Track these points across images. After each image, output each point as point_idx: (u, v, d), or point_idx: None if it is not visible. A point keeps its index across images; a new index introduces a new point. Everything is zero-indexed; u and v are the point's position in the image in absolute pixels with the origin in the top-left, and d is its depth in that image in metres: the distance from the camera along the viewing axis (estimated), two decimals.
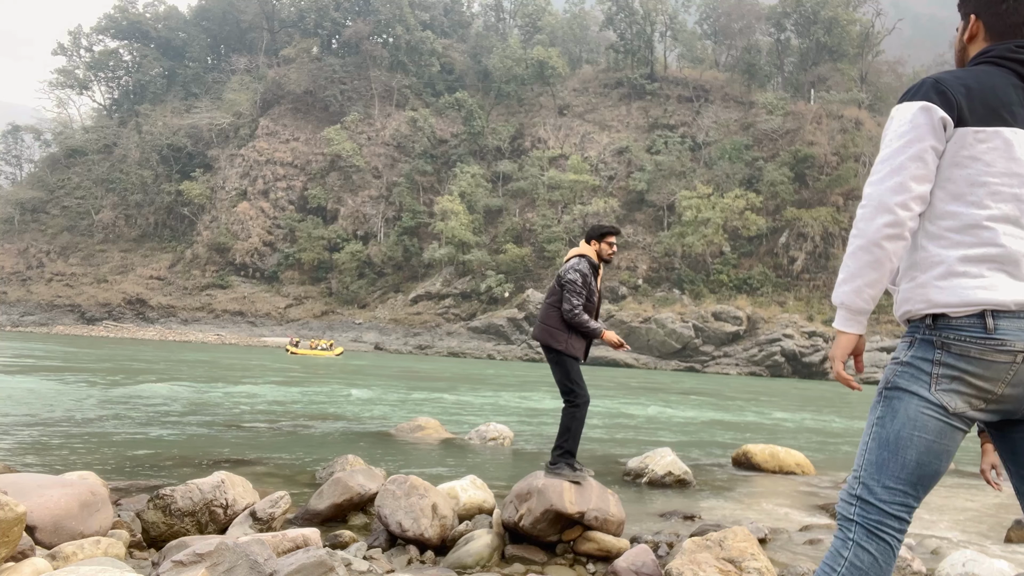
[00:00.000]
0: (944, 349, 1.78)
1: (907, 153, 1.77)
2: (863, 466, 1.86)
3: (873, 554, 1.80)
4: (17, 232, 75.09)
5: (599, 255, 5.04)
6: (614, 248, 5.07)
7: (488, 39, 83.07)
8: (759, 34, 76.58)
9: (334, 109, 76.72)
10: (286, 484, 6.13)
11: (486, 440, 9.55)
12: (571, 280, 4.80)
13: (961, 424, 1.82)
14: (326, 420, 11.59)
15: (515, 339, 55.21)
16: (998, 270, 1.75)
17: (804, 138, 62.05)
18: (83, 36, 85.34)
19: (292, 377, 21.99)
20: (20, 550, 3.24)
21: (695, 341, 50.80)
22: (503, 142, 70.72)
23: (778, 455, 8.59)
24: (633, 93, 73.10)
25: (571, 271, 4.83)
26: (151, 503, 4.39)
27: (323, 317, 64.82)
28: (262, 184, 73.38)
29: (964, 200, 1.78)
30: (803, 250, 56.34)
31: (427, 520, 4.45)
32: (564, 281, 4.83)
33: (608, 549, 4.38)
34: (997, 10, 1.86)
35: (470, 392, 19.72)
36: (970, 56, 1.94)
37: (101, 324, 63.52)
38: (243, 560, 2.95)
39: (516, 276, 60.68)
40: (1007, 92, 1.78)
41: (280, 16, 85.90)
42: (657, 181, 62.02)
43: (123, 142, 79.48)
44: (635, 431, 12.37)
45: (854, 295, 1.83)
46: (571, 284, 4.79)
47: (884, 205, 1.77)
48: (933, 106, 1.76)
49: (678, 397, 22.22)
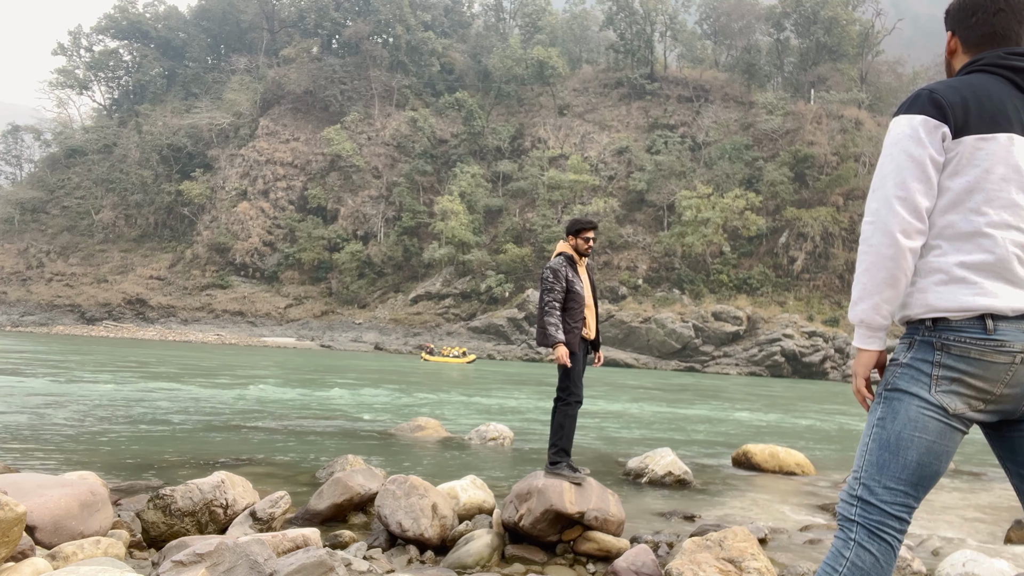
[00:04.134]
0: (944, 351, 1.79)
1: (909, 168, 1.79)
2: (863, 467, 1.87)
3: (874, 554, 1.80)
4: (17, 232, 75.07)
5: (576, 249, 5.08)
6: (590, 243, 5.09)
7: (488, 39, 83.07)
8: (759, 34, 76.57)
9: (334, 109, 76.71)
10: (286, 484, 6.13)
11: (486, 440, 9.55)
12: (544, 278, 4.88)
13: (960, 425, 1.83)
14: (326, 420, 11.59)
15: (515, 339, 55.20)
16: (997, 277, 1.76)
17: (804, 138, 62.05)
18: (83, 36, 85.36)
19: (293, 377, 21.99)
20: (20, 550, 3.24)
21: (695, 341, 50.79)
22: (503, 142, 70.71)
23: (778, 455, 8.59)
24: (633, 93, 73.10)
25: (545, 269, 4.91)
26: (151, 503, 4.39)
27: (323, 317, 64.81)
28: (262, 184, 73.38)
29: (962, 207, 1.79)
30: (803, 250, 56.33)
31: (427, 520, 4.45)
32: (542, 277, 4.91)
33: (608, 549, 4.38)
34: (968, 23, 1.92)
35: (470, 392, 19.72)
36: (956, 69, 1.98)
37: (101, 324, 63.49)
38: (243, 560, 2.95)
39: (516, 276, 60.68)
40: (1001, 98, 1.80)
41: (280, 16, 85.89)
42: (657, 181, 62.01)
43: (123, 142, 79.47)
44: (635, 431, 12.37)
45: (873, 312, 1.84)
46: (544, 281, 4.88)
47: (893, 222, 1.79)
48: (930, 119, 1.78)
49: (678, 397, 22.22)
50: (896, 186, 1.79)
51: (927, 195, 1.79)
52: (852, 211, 55.76)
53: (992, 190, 1.77)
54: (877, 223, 1.81)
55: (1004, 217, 1.77)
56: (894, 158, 1.81)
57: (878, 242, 1.81)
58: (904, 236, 1.78)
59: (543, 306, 4.80)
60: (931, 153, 1.78)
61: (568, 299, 4.85)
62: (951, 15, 1.98)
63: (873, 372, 1.95)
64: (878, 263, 1.81)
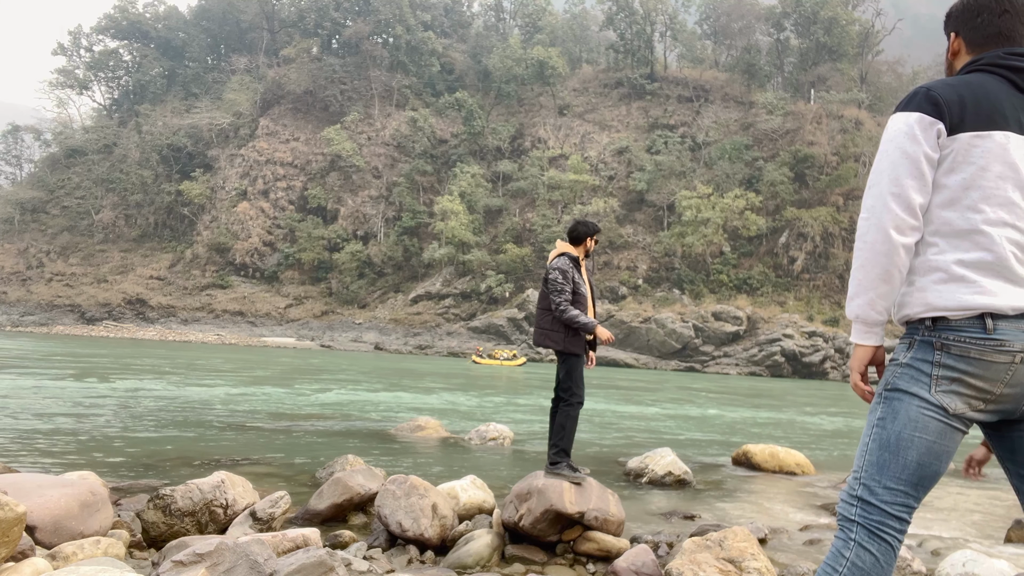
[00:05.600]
0: (944, 350, 1.79)
1: (904, 165, 1.80)
2: (864, 467, 1.87)
3: (875, 554, 1.80)
4: (17, 232, 75.08)
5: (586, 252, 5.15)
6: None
7: (488, 39, 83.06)
8: (759, 34, 76.60)
9: (334, 109, 76.72)
10: (286, 484, 6.13)
11: (486, 440, 9.55)
12: (553, 279, 4.86)
13: (961, 425, 1.83)
14: (326, 420, 11.59)
15: (515, 339, 55.20)
16: (996, 275, 1.76)
17: (804, 138, 62.07)
18: (83, 36, 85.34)
19: (293, 377, 21.99)
20: (20, 550, 3.24)
21: (695, 341, 50.80)
22: (503, 142, 70.71)
23: (778, 455, 8.59)
24: (633, 93, 73.11)
25: (551, 270, 4.90)
26: (151, 503, 4.39)
27: (323, 317, 64.81)
28: (262, 184, 73.39)
29: (959, 205, 1.80)
30: (803, 250, 56.34)
31: (427, 520, 4.45)
32: (548, 279, 4.90)
33: (608, 549, 4.38)
34: (973, 24, 1.92)
35: (470, 392, 19.72)
36: (957, 70, 1.98)
37: (101, 324, 63.47)
38: (243, 560, 2.95)
39: (516, 276, 60.69)
40: (999, 97, 1.80)
41: (280, 16, 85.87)
42: (657, 181, 62.02)
43: (123, 142, 79.47)
44: (635, 431, 12.37)
45: (868, 308, 1.85)
46: (554, 283, 4.86)
47: (887, 218, 1.80)
48: (927, 116, 1.79)
49: (678, 397, 22.22)
50: (891, 183, 1.80)
51: (921, 192, 1.80)
52: (852, 211, 55.75)
53: (988, 187, 1.77)
54: (872, 219, 1.82)
55: (1001, 215, 1.77)
56: (889, 155, 1.82)
57: (873, 238, 1.82)
58: (898, 232, 1.79)
59: (557, 306, 4.79)
60: (926, 150, 1.78)
61: (574, 301, 4.87)
62: (954, 17, 1.98)
63: (872, 372, 1.95)
64: (873, 259, 1.82)
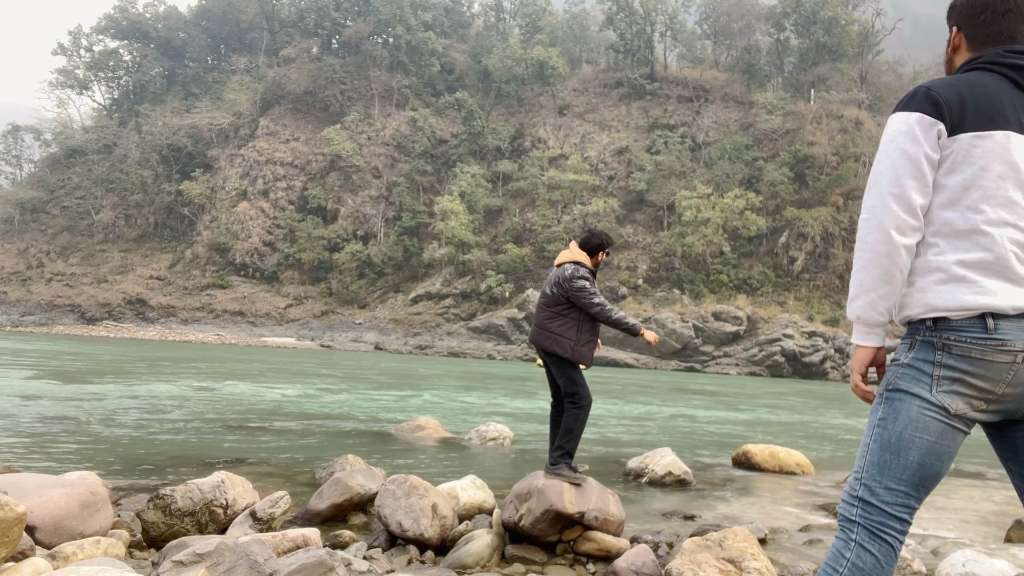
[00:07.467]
0: (945, 351, 1.79)
1: (904, 165, 1.79)
2: (864, 467, 1.86)
3: (875, 555, 1.80)
4: (17, 232, 75.05)
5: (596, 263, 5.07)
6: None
7: (488, 39, 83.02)
8: (759, 34, 76.57)
9: (334, 109, 76.69)
10: (286, 484, 6.13)
11: (486, 440, 9.55)
12: (581, 288, 4.73)
13: (962, 425, 1.82)
14: (326, 420, 11.59)
15: (515, 339, 55.19)
16: (996, 275, 1.76)
17: (804, 138, 62.04)
18: (83, 36, 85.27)
19: (293, 377, 21.98)
20: (20, 550, 3.23)
21: (695, 341, 50.79)
22: (503, 142, 70.69)
23: (778, 455, 8.58)
24: (633, 93, 73.09)
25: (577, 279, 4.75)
26: (151, 503, 4.39)
27: (323, 317, 64.80)
28: (262, 184, 73.37)
29: (960, 205, 1.79)
30: (803, 250, 56.33)
31: (427, 520, 4.45)
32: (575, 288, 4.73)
33: (608, 549, 4.38)
34: (976, 21, 1.91)
35: (470, 392, 19.72)
36: (956, 66, 1.96)
37: (101, 324, 63.45)
38: (243, 560, 2.95)
39: (516, 276, 60.68)
40: (999, 96, 1.79)
41: (280, 16, 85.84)
42: (657, 181, 62.01)
43: (123, 142, 79.44)
44: (635, 431, 12.37)
45: (869, 308, 1.85)
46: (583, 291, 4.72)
47: (888, 219, 1.79)
48: (927, 116, 1.78)
49: (678, 397, 22.21)
50: (891, 183, 1.79)
51: (922, 192, 1.79)
52: (852, 211, 55.72)
53: (989, 187, 1.77)
54: (872, 220, 1.82)
55: (1001, 215, 1.77)
56: (889, 155, 1.81)
57: (873, 239, 1.81)
58: (899, 233, 1.78)
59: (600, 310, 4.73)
60: (926, 150, 1.78)
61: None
62: (957, 11, 1.96)
63: (872, 372, 1.95)
64: (873, 260, 1.81)
